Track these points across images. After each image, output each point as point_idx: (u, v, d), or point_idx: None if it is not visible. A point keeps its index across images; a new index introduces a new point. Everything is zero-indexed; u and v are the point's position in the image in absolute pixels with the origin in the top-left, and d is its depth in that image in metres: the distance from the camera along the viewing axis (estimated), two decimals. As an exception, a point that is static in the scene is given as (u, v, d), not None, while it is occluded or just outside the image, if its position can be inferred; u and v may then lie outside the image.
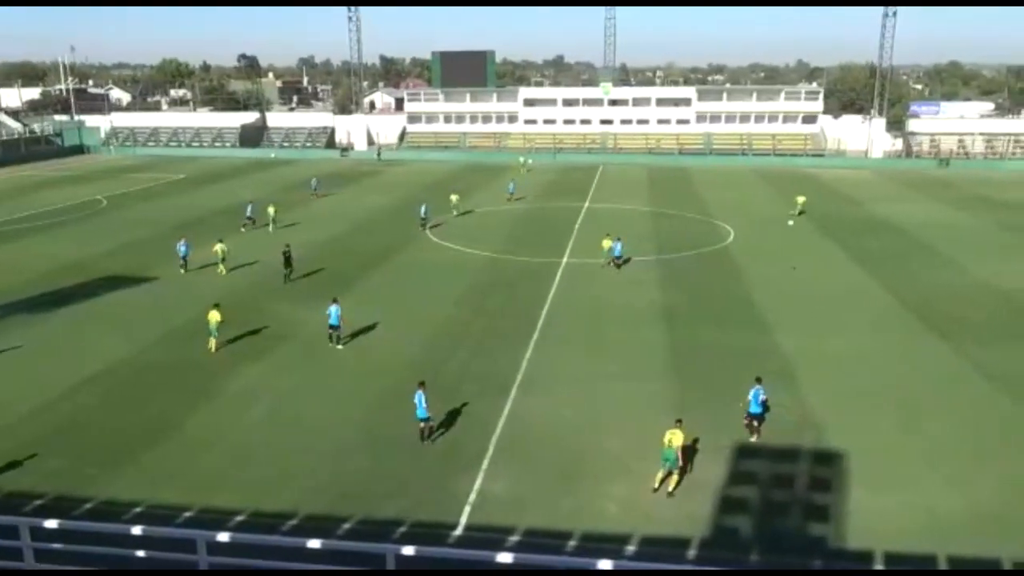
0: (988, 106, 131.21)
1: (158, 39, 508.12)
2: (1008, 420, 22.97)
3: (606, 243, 41.52)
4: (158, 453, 21.08)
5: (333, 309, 29.19)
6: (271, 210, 51.70)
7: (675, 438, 18.94)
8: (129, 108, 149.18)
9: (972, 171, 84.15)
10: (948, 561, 16.29)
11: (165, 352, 28.70)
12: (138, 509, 18.18)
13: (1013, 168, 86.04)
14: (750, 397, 21.69)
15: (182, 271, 39.66)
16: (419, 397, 21.39)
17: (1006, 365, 27.10)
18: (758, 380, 22.02)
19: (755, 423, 21.79)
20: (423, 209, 51.92)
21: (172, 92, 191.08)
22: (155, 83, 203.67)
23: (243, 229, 50.21)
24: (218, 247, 39.59)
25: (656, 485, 19.07)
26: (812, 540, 17.37)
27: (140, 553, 12.09)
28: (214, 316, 28.58)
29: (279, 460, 20.68)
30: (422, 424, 21.55)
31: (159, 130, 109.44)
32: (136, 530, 11.87)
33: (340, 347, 29.13)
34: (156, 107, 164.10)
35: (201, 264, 40.33)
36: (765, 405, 21.88)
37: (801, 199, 56.74)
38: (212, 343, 28.68)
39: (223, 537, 11.94)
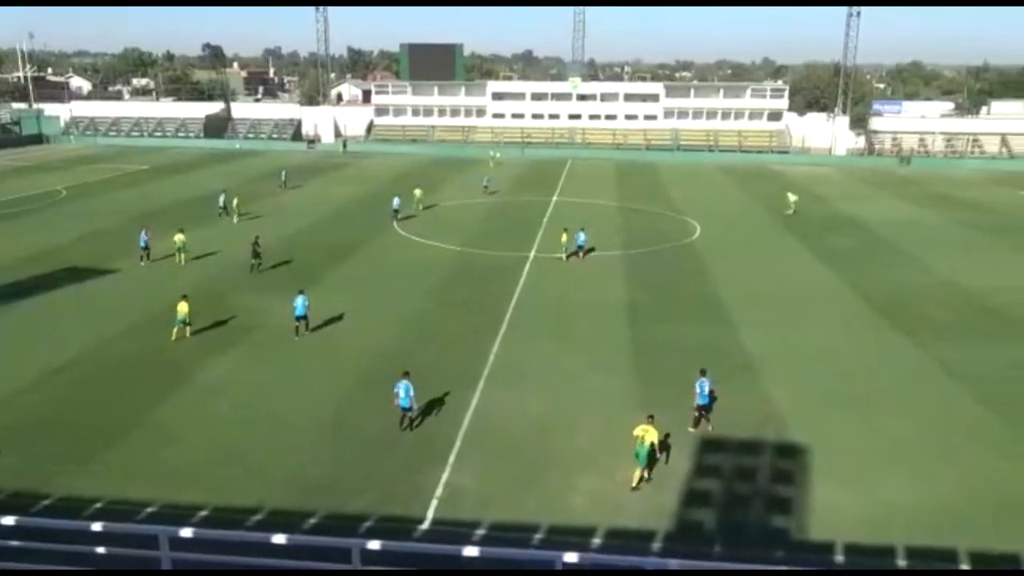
0: (948, 106, 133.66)
1: (120, 27, 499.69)
2: (970, 416, 23.42)
3: (564, 237, 41.78)
4: (121, 448, 20.74)
5: (299, 300, 29.04)
6: (234, 201, 51.69)
7: (647, 435, 19.03)
8: (90, 97, 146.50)
9: (933, 169, 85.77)
10: (907, 554, 16.60)
11: (129, 345, 28.23)
12: (99, 505, 17.88)
13: (972, 167, 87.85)
14: (696, 388, 22.05)
15: (142, 263, 39.13)
16: (404, 387, 21.45)
17: (968, 362, 27.62)
18: (703, 372, 22.50)
19: (703, 414, 22.13)
20: (395, 202, 52.10)
21: (134, 81, 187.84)
22: (117, 72, 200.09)
23: (220, 217, 50.92)
24: (178, 237, 39.25)
25: (635, 484, 19.06)
26: (775, 532, 17.61)
27: (100, 550, 11.90)
28: (183, 307, 28.50)
29: (245, 454, 20.47)
30: (404, 414, 21.66)
31: (121, 120, 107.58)
32: (96, 527, 11.68)
33: (298, 338, 28.96)
34: (118, 96, 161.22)
35: (164, 255, 39.78)
36: (712, 396, 22.30)
37: (793, 197, 56.65)
38: (175, 332, 28.50)
39: (186, 533, 11.80)
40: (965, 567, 16.20)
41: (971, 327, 31.63)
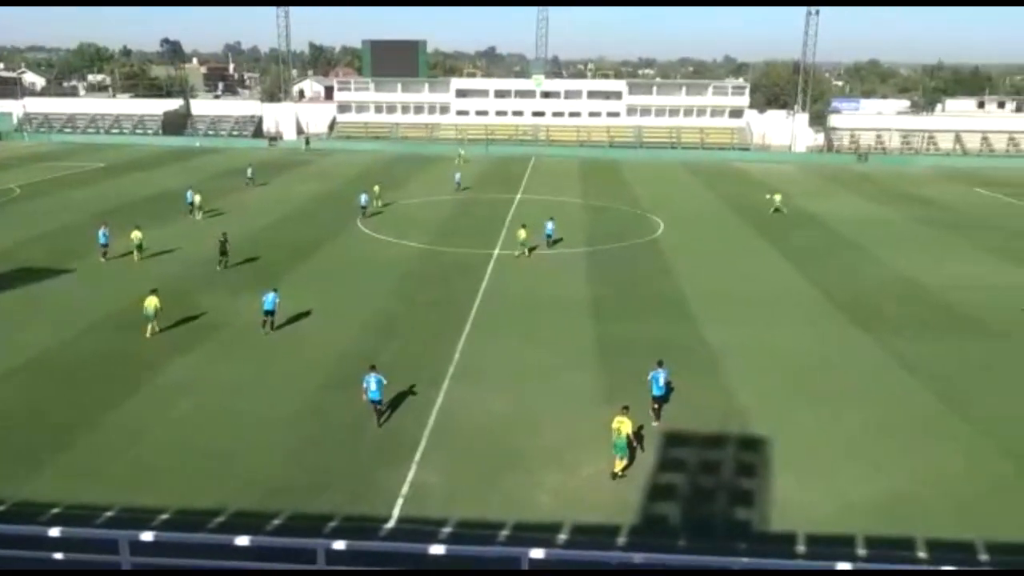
0: (904, 103, 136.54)
1: (75, 21, 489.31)
2: (926, 410, 23.90)
3: (521, 233, 41.91)
4: (78, 450, 20.35)
5: (271, 296, 29.01)
6: (196, 198, 51.25)
7: (623, 426, 19.30)
8: (44, 93, 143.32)
9: (889, 166, 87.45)
10: (867, 544, 16.92)
11: (87, 345, 27.70)
12: (56, 510, 17.53)
13: (927, 163, 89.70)
14: (650, 379, 22.32)
15: (102, 259, 38.71)
16: (376, 380, 21.59)
17: (925, 356, 28.17)
18: (659, 363, 22.64)
19: (657, 405, 22.34)
20: (363, 198, 52.35)
21: (90, 77, 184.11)
22: (72, 67, 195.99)
23: (191, 215, 50.45)
24: (135, 235, 39.23)
25: (619, 472, 19.37)
26: (739, 525, 17.83)
27: (58, 556, 11.68)
28: (151, 301, 28.27)
29: (206, 455, 20.19)
30: (374, 406, 21.77)
31: (76, 117, 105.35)
32: (54, 532, 11.47)
33: (264, 333, 28.91)
34: (73, 93, 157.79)
35: (124, 252, 39.20)
36: (669, 387, 22.64)
37: (778, 196, 56.47)
38: (148, 328, 28.36)
39: (147, 536, 11.64)
40: (922, 555, 16.55)
41: (927, 322, 32.28)
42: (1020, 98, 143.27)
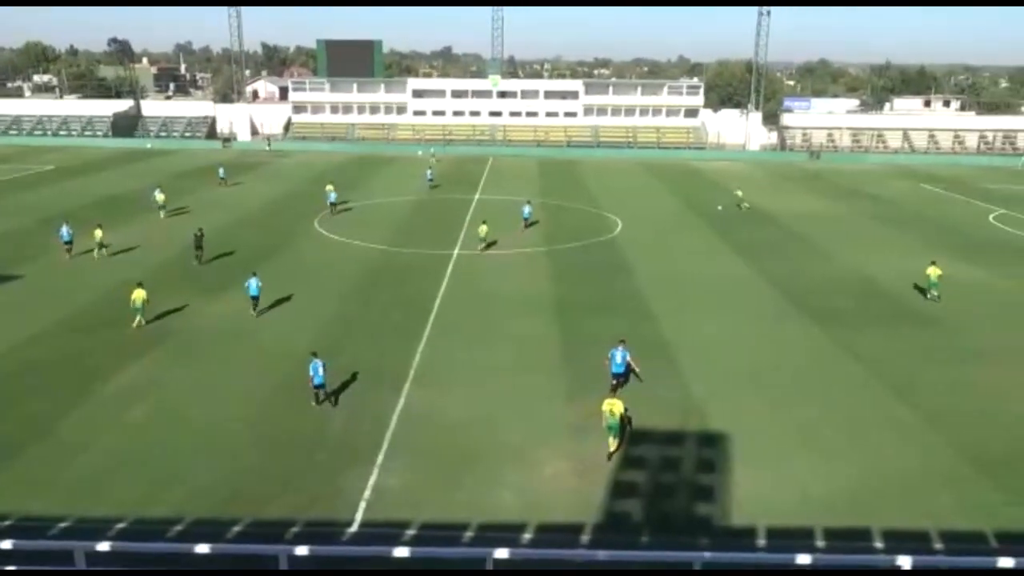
0: (854, 103, 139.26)
1: (18, 19, 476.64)
2: (877, 400, 24.46)
3: (483, 229, 42.92)
4: (29, 459, 19.83)
5: (253, 281, 31.03)
6: (161, 197, 51.59)
7: (615, 407, 20.24)
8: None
9: (840, 164, 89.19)
10: (824, 535, 17.25)
11: (36, 351, 26.99)
12: (8, 522, 17.05)
13: (876, 161, 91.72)
14: (609, 356, 23.65)
15: (67, 256, 39.45)
16: (316, 366, 22.64)
17: (875, 348, 28.85)
18: (622, 341, 24.07)
19: (615, 382, 23.43)
20: (332, 196, 53.56)
21: (36, 78, 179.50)
22: (16, 67, 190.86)
23: (163, 215, 50.78)
24: (97, 233, 39.85)
25: (612, 449, 20.30)
26: (700, 520, 18.03)
27: (11, 568, 11.39)
28: (139, 294, 29.35)
29: (162, 462, 19.83)
30: (318, 390, 22.94)
31: (22, 118, 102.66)
32: (6, 544, 11.18)
33: (256, 316, 31.14)
34: (18, 93, 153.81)
35: (83, 251, 38.58)
36: (628, 367, 23.78)
37: (739, 192, 58.87)
38: (136, 321, 29.40)
39: (103, 547, 11.41)
40: (879, 545, 16.91)
41: (876, 314, 33.03)
42: (964, 97, 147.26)
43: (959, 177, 78.34)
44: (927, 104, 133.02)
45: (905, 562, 13.43)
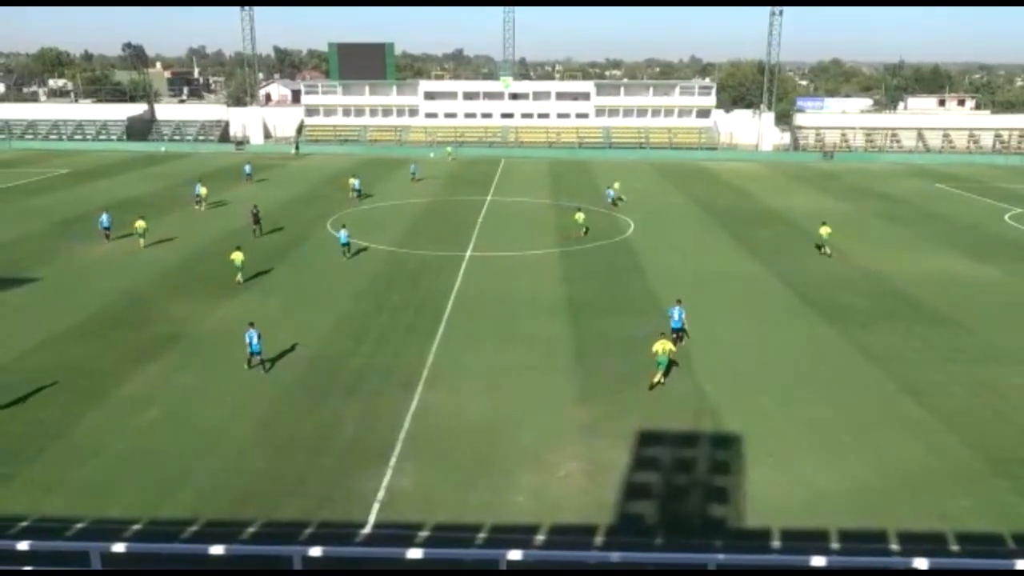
0: (867, 102, 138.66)
1: (34, 26, 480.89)
2: (891, 399, 24.31)
3: (579, 216, 47.87)
4: (45, 462, 19.96)
5: (343, 233, 40.47)
6: (203, 190, 55.49)
7: (664, 346, 24.35)
8: (4, 99, 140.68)
9: (854, 164, 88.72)
10: (839, 536, 17.14)
11: (48, 355, 27.16)
12: (25, 523, 17.19)
13: (890, 160, 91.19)
14: (668, 313, 28.07)
15: (107, 241, 43.34)
16: (252, 335, 25.26)
17: (888, 347, 28.69)
18: (678, 301, 28.42)
19: (679, 336, 27.44)
20: (356, 184, 59.71)
21: (51, 82, 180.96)
22: (32, 72, 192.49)
23: (197, 207, 54.59)
24: (139, 224, 42.79)
25: (658, 380, 24.45)
26: (713, 521, 17.95)
27: (28, 569, 11.47)
28: (238, 256, 35.23)
29: (175, 463, 19.91)
30: (252, 357, 25.44)
31: (37, 122, 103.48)
32: (23, 545, 11.26)
33: (348, 258, 39.91)
34: (34, 98, 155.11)
35: (84, 261, 38.61)
36: (683, 322, 27.61)
37: (617, 184, 61.43)
38: (237, 276, 35.20)
39: (118, 548, 11.46)
40: (894, 547, 16.79)
41: (889, 313, 32.84)
42: (979, 96, 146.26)
43: (974, 176, 77.77)
44: (941, 103, 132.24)
45: (922, 564, 13.30)
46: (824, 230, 43.38)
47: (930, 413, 23.31)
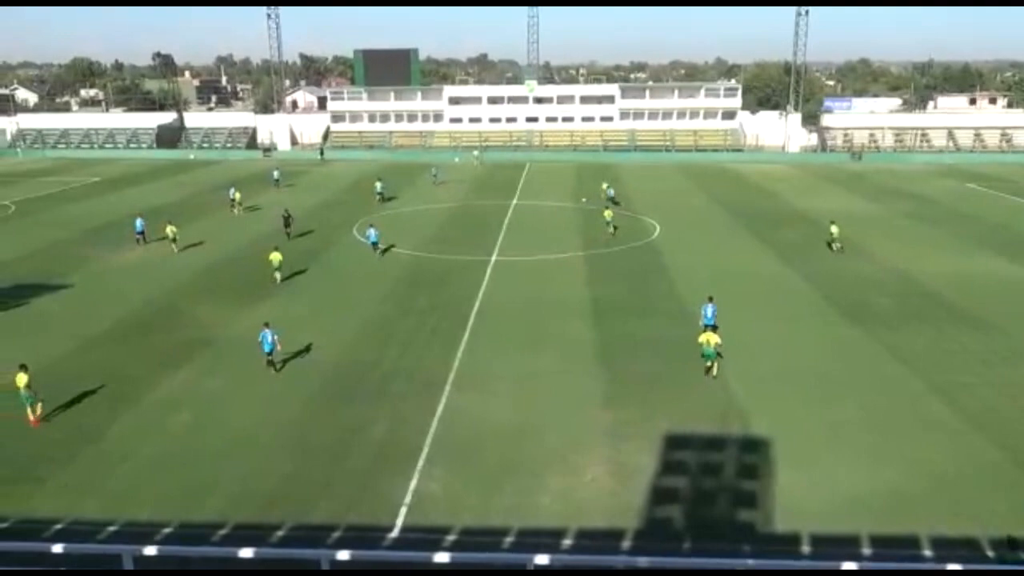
0: (896, 102, 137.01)
1: (66, 37, 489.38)
2: (920, 401, 23.97)
3: (607, 214, 49.58)
4: (78, 466, 20.27)
5: (372, 232, 42.13)
6: (237, 195, 57.29)
7: (711, 338, 25.24)
8: (37, 109, 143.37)
9: (883, 164, 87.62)
10: (871, 541, 16.91)
11: (82, 359, 27.60)
12: (58, 526, 17.47)
13: (920, 160, 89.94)
14: (701, 311, 28.95)
15: (140, 244, 44.95)
16: (265, 335, 25.84)
17: (917, 348, 28.30)
18: (710, 298, 29.20)
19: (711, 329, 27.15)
20: (379, 187, 61.43)
21: (83, 92, 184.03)
22: (64, 83, 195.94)
23: (234, 211, 56.29)
24: (169, 228, 43.99)
25: (715, 374, 25.36)
26: (742, 526, 17.79)
27: (63, 569, 11.64)
28: (276, 256, 36.86)
29: (204, 467, 20.13)
30: (269, 357, 25.98)
31: (70, 132, 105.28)
32: (57, 548, 11.42)
33: (379, 258, 40.89)
34: (66, 108, 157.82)
35: (116, 267, 39.17)
36: (715, 319, 28.13)
37: (605, 184, 62.74)
38: (276, 276, 36.64)
39: (150, 550, 11.60)
40: (927, 553, 16.53)
41: (917, 314, 32.40)
42: (1011, 94, 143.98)
43: (1006, 176, 76.45)
44: (972, 102, 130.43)
45: (956, 569, 13.10)
46: (834, 229, 44.46)
47: (960, 415, 22.95)
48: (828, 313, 32.73)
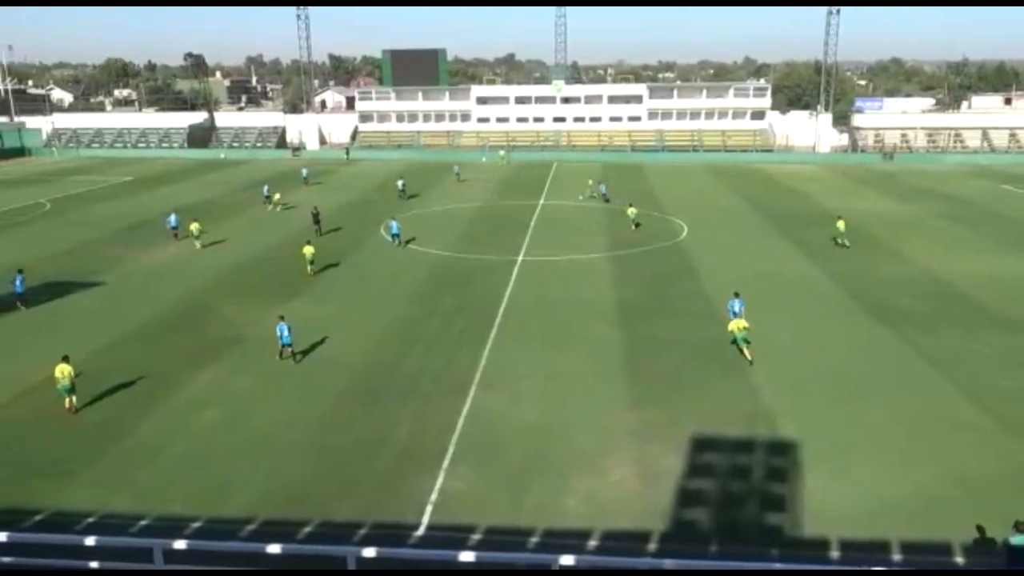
0: (929, 101, 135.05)
1: (100, 38, 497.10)
2: (952, 404, 23.58)
3: (631, 211, 50.15)
4: (109, 460, 20.58)
5: (394, 224, 43.95)
6: (275, 195, 58.89)
7: (738, 324, 26.85)
8: (71, 109, 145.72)
9: (915, 165, 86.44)
10: (900, 546, 16.68)
11: (113, 357, 28.00)
12: (90, 519, 17.72)
13: (953, 161, 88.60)
14: (728, 306, 29.44)
15: (176, 239, 46.41)
16: (282, 328, 26.63)
17: (949, 351, 27.86)
18: (736, 294, 29.94)
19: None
20: (400, 184, 63.29)
21: (116, 92, 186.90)
22: (98, 83, 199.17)
23: (269, 208, 57.85)
24: (194, 226, 45.39)
25: (750, 358, 26.46)
26: (770, 529, 17.62)
27: (94, 564, 11.83)
28: (309, 250, 37.97)
29: (233, 464, 20.34)
30: (284, 348, 26.82)
31: (103, 131, 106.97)
32: (90, 540, 11.61)
33: (401, 248, 42.56)
34: (100, 108, 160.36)
35: (148, 265, 39.66)
36: (743, 313, 28.43)
37: (590, 181, 63.15)
38: (310, 269, 37.99)
39: (180, 545, 11.75)
40: (959, 560, 16.27)
41: (950, 316, 31.92)
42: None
43: (1043, 176, 75.05)
44: (1007, 102, 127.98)
45: (984, 570, 12.90)
46: (840, 224, 44.58)
47: (991, 417, 22.57)
48: (859, 314, 32.34)
